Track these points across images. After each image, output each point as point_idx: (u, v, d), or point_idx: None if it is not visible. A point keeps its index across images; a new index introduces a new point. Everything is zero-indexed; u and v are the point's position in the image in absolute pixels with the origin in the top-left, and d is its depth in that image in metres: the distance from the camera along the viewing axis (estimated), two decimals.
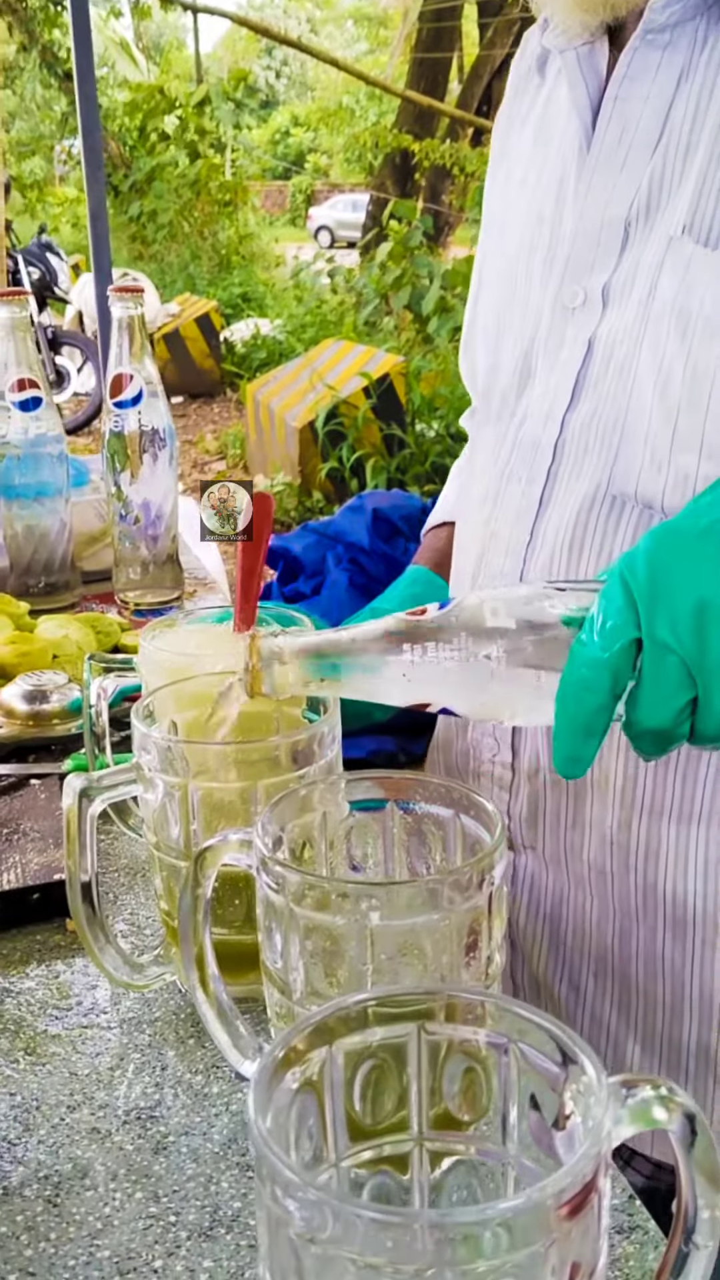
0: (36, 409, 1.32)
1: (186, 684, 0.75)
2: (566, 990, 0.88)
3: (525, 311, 0.88)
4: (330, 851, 0.62)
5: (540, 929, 0.88)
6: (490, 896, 0.55)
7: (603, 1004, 0.86)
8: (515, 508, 0.86)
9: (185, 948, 0.62)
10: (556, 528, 0.83)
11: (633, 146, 0.81)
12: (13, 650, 1.10)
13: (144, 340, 1.31)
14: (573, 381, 0.83)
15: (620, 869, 0.83)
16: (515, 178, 0.93)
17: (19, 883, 0.80)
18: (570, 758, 0.59)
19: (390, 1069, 0.47)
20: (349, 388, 5.72)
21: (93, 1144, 0.62)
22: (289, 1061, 0.43)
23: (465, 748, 0.92)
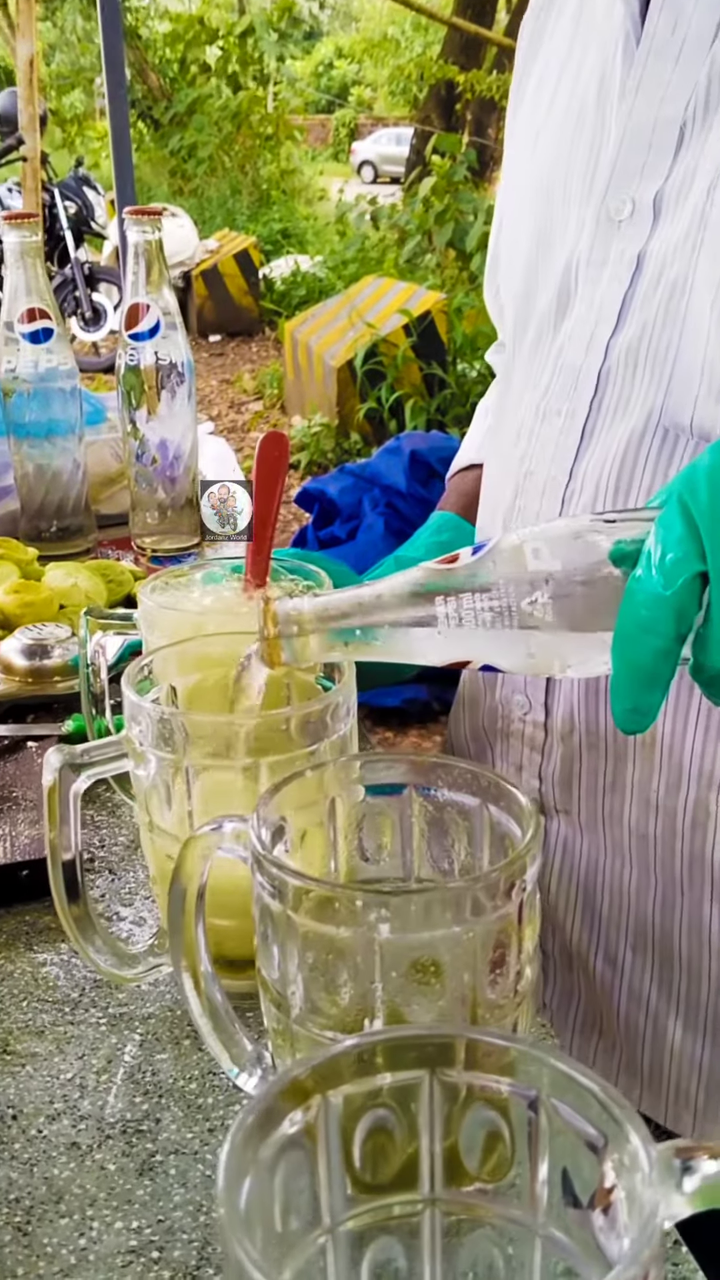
0: (48, 340, 1.24)
1: (189, 645, 0.67)
2: (602, 964, 0.82)
3: (564, 228, 0.79)
4: (340, 842, 0.55)
5: (574, 897, 0.82)
6: (521, 904, 0.47)
7: (642, 978, 0.80)
8: (553, 444, 0.78)
9: (174, 944, 0.54)
10: (600, 465, 0.75)
11: (688, 38, 0.71)
12: (16, 600, 1.03)
13: (163, 268, 1.22)
14: (619, 303, 0.75)
15: (665, 835, 0.76)
16: (549, 82, 0.84)
17: (7, 858, 0.73)
18: (632, 710, 0.51)
19: (398, 1120, 0.39)
20: (389, 326, 5.59)
21: (71, 1161, 0.56)
22: (273, 1116, 0.36)
23: (493, 706, 0.85)
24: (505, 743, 0.85)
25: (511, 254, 0.86)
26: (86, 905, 0.61)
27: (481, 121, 9.53)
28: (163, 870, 0.64)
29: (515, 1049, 0.38)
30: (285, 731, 0.60)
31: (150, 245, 1.20)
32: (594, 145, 0.77)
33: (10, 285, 1.23)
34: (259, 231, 10.20)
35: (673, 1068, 0.81)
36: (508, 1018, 0.48)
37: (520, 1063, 0.38)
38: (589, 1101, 0.36)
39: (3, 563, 1.10)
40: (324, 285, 8.28)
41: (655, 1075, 0.81)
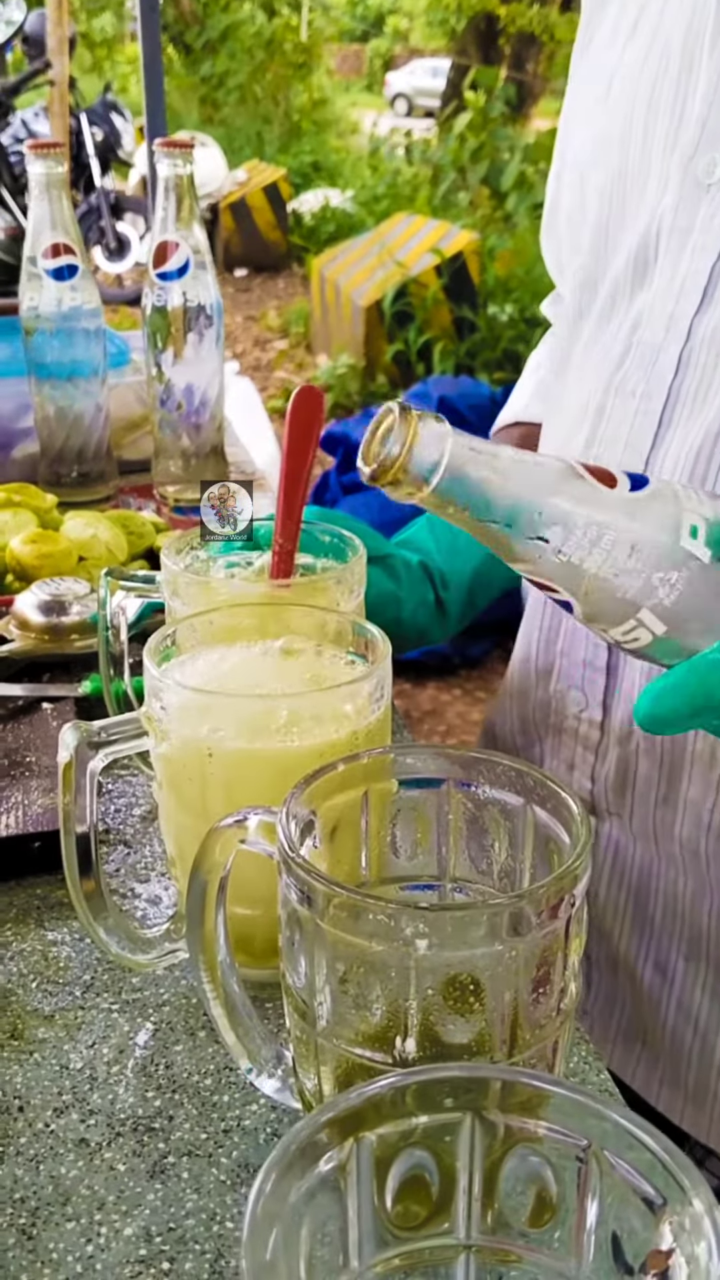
0: (72, 277, 1.19)
1: (215, 614, 0.64)
2: (651, 973, 0.78)
3: (643, 186, 0.73)
4: (372, 838, 0.51)
5: (624, 903, 0.77)
6: (569, 920, 0.44)
7: (694, 992, 0.76)
8: (627, 428, 0.72)
9: (192, 937, 0.51)
10: (676, 458, 0.68)
11: None
12: (34, 550, 0.99)
13: (193, 204, 1.17)
14: (705, 277, 0.68)
15: (717, 855, 0.72)
16: (629, 15, 0.77)
17: (18, 828, 0.70)
18: (665, 721, 0.49)
19: (435, 1161, 0.36)
20: (419, 265, 5.48)
21: (80, 1160, 0.53)
22: (303, 1160, 0.33)
23: (546, 699, 0.80)
24: (557, 739, 0.80)
25: (578, 207, 0.79)
26: (100, 882, 0.58)
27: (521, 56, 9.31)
28: (182, 852, 0.60)
29: (568, 1096, 0.34)
30: (315, 715, 0.57)
31: (181, 180, 1.15)
32: (679, 96, 0.70)
33: (34, 218, 1.18)
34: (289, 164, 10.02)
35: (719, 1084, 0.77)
36: (549, 1038, 0.45)
37: (573, 1110, 0.34)
38: (648, 1158, 0.33)
39: (20, 510, 1.06)
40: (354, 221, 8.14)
41: (701, 1091, 0.77)
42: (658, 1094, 0.79)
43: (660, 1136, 0.33)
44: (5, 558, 1.00)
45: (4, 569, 1.01)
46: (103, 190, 6.76)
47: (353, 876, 0.52)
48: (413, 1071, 0.35)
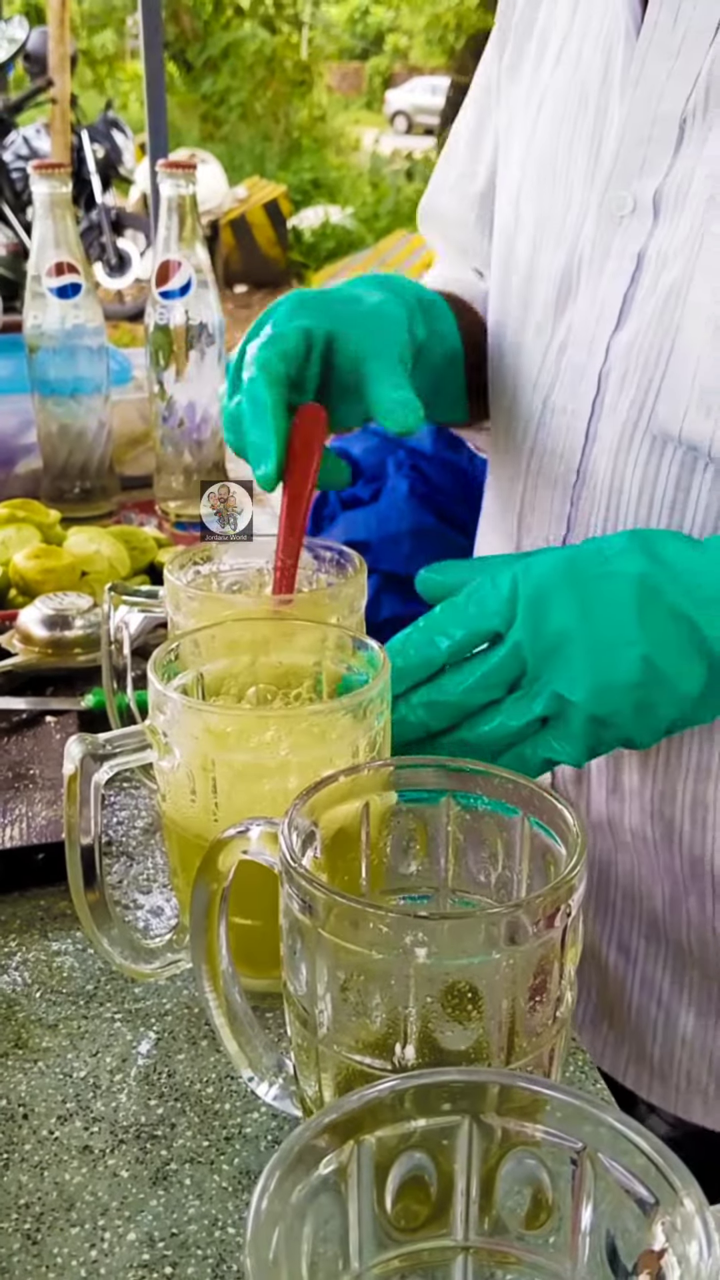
0: (75, 296, 1.21)
1: (216, 629, 0.65)
2: (615, 953, 0.83)
3: (566, 213, 0.77)
4: (371, 849, 0.52)
5: (587, 889, 0.81)
6: (565, 930, 0.45)
7: (654, 968, 0.81)
8: (561, 442, 0.77)
9: (195, 947, 0.52)
10: (601, 467, 0.74)
11: (688, 32, 0.68)
12: (37, 565, 1.00)
13: (195, 224, 1.18)
14: (619, 301, 0.72)
15: (663, 839, 0.76)
16: (550, 55, 0.80)
17: (23, 840, 0.71)
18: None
19: (433, 1163, 0.37)
20: None
21: (83, 1166, 0.54)
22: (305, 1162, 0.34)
23: None
24: None
25: (511, 224, 0.84)
26: (104, 893, 0.59)
27: None
28: (185, 864, 0.61)
29: (563, 1100, 0.35)
30: (316, 730, 0.58)
31: (184, 200, 1.16)
32: (596, 131, 0.75)
33: (39, 237, 1.20)
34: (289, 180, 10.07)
35: (684, 1056, 0.82)
36: (546, 1045, 0.46)
37: (568, 1114, 0.35)
38: (641, 1161, 0.34)
39: (24, 526, 1.07)
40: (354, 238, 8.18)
41: (666, 1064, 0.82)
42: (626, 1071, 0.84)
43: (652, 1138, 0.34)
44: (9, 573, 1.01)
45: (7, 584, 1.02)
46: (104, 207, 6.80)
47: (353, 887, 0.53)
48: (411, 1075, 0.35)
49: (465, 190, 0.95)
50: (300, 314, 0.72)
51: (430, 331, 0.79)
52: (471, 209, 0.95)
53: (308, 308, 0.73)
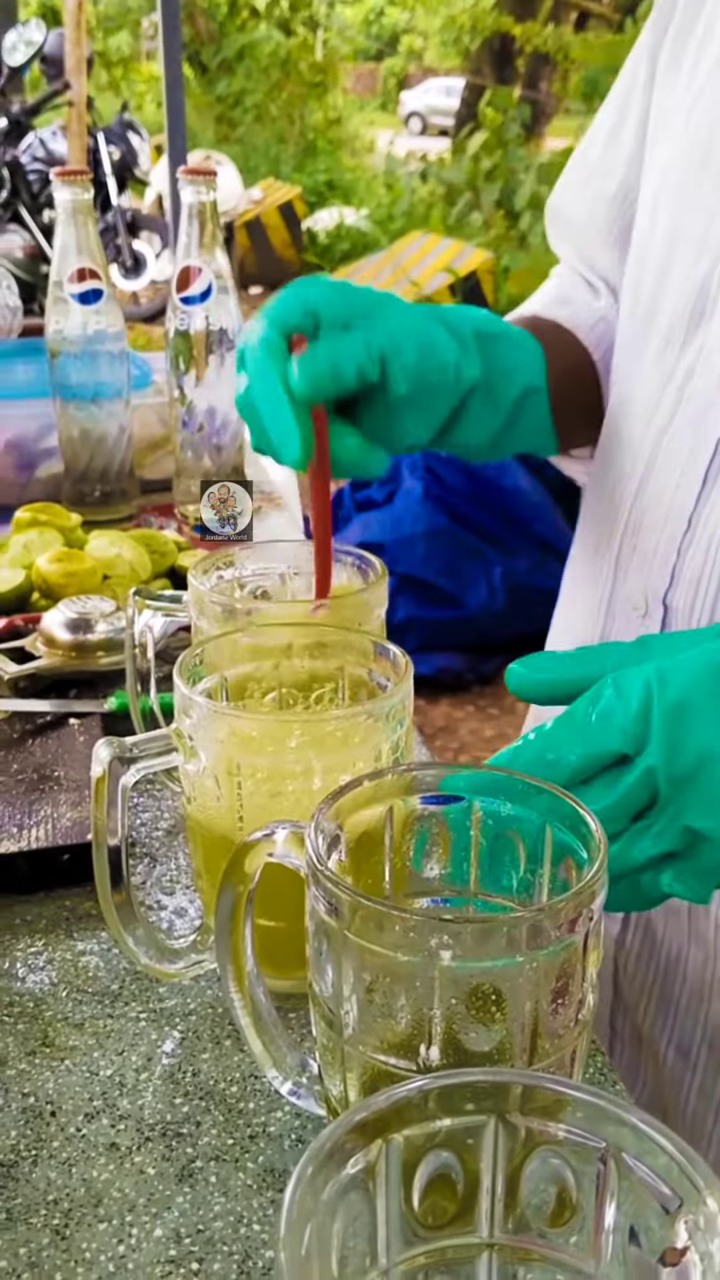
0: (97, 302, 1.22)
1: (241, 634, 0.66)
2: (674, 1055, 0.76)
3: (710, 223, 0.71)
4: (395, 854, 0.53)
5: (651, 978, 0.76)
6: (587, 934, 0.45)
7: (715, 1078, 0.74)
8: (673, 485, 0.71)
9: (220, 946, 0.53)
10: (717, 518, 0.68)
11: None
12: (59, 569, 1.01)
13: (216, 229, 1.19)
14: None
15: None
16: (710, 53, 0.75)
17: (48, 841, 0.72)
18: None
19: (459, 1162, 0.38)
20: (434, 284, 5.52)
21: (110, 1163, 0.55)
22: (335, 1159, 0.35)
23: None
24: None
25: (647, 231, 0.78)
26: (130, 894, 0.60)
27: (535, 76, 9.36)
28: (209, 866, 0.62)
29: (588, 1100, 0.36)
30: (340, 735, 0.59)
31: (204, 206, 1.17)
32: None
33: (60, 243, 1.21)
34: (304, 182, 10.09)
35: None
36: (568, 1047, 0.47)
37: (593, 1114, 0.36)
38: (665, 1160, 0.35)
39: (46, 529, 1.08)
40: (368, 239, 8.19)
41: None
42: None
43: (676, 1138, 0.34)
44: (32, 576, 1.03)
45: (30, 587, 1.03)
46: (119, 209, 6.82)
47: (376, 890, 0.53)
48: (438, 1076, 0.36)
49: (596, 190, 0.88)
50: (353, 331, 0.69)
51: (493, 369, 0.74)
52: (601, 212, 0.88)
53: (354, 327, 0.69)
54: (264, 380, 0.67)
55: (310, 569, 0.73)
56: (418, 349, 0.69)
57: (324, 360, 0.67)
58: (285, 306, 0.69)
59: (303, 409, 0.67)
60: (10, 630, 0.96)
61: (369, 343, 0.68)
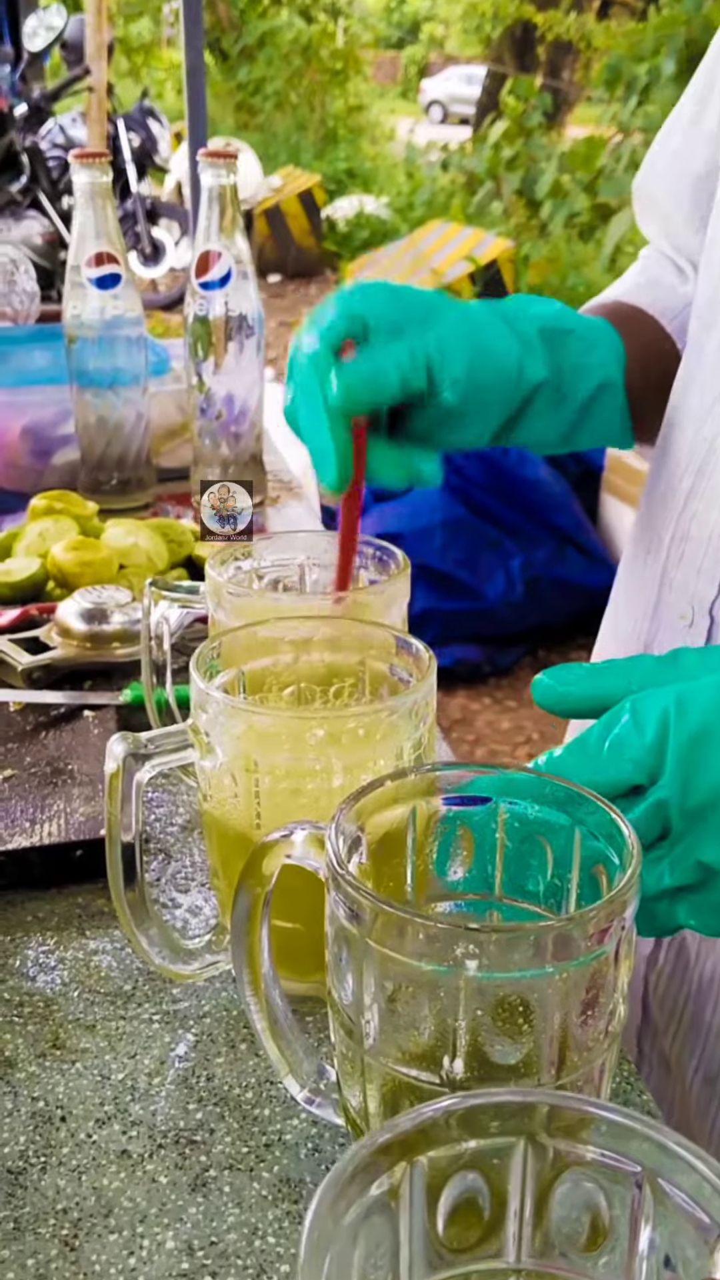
0: (115, 286, 1.20)
1: (259, 627, 0.64)
2: (700, 1084, 0.73)
3: None
4: (418, 856, 0.51)
5: (682, 1002, 0.73)
6: (619, 943, 0.43)
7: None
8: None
9: (236, 949, 0.51)
10: None
11: None
12: (75, 558, 0.99)
13: (236, 214, 1.17)
14: None
15: None
16: None
17: (61, 836, 0.70)
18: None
19: (486, 1184, 0.36)
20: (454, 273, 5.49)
21: (121, 1171, 0.53)
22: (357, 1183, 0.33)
23: None
24: None
25: None
26: (143, 892, 0.58)
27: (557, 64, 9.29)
28: (226, 864, 0.61)
29: (623, 1123, 0.34)
30: (361, 729, 0.57)
31: (224, 190, 1.15)
32: None
33: (78, 227, 1.19)
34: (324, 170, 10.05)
35: None
36: (597, 1060, 0.45)
37: (628, 1136, 0.34)
38: (702, 1184, 0.33)
39: (61, 518, 1.07)
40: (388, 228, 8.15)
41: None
42: None
43: (713, 1162, 0.33)
44: (47, 565, 1.01)
45: (45, 576, 1.01)
46: (139, 196, 6.80)
47: (398, 893, 0.52)
48: (465, 1096, 0.34)
49: (681, 169, 0.83)
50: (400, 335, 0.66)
51: (563, 367, 0.71)
52: (686, 193, 0.83)
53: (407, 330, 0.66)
54: (306, 394, 0.65)
55: (329, 560, 0.71)
56: (469, 354, 0.66)
57: (363, 370, 0.64)
58: (334, 314, 0.67)
59: (341, 423, 0.64)
60: (25, 620, 0.94)
61: (414, 350, 0.65)
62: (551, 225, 6.38)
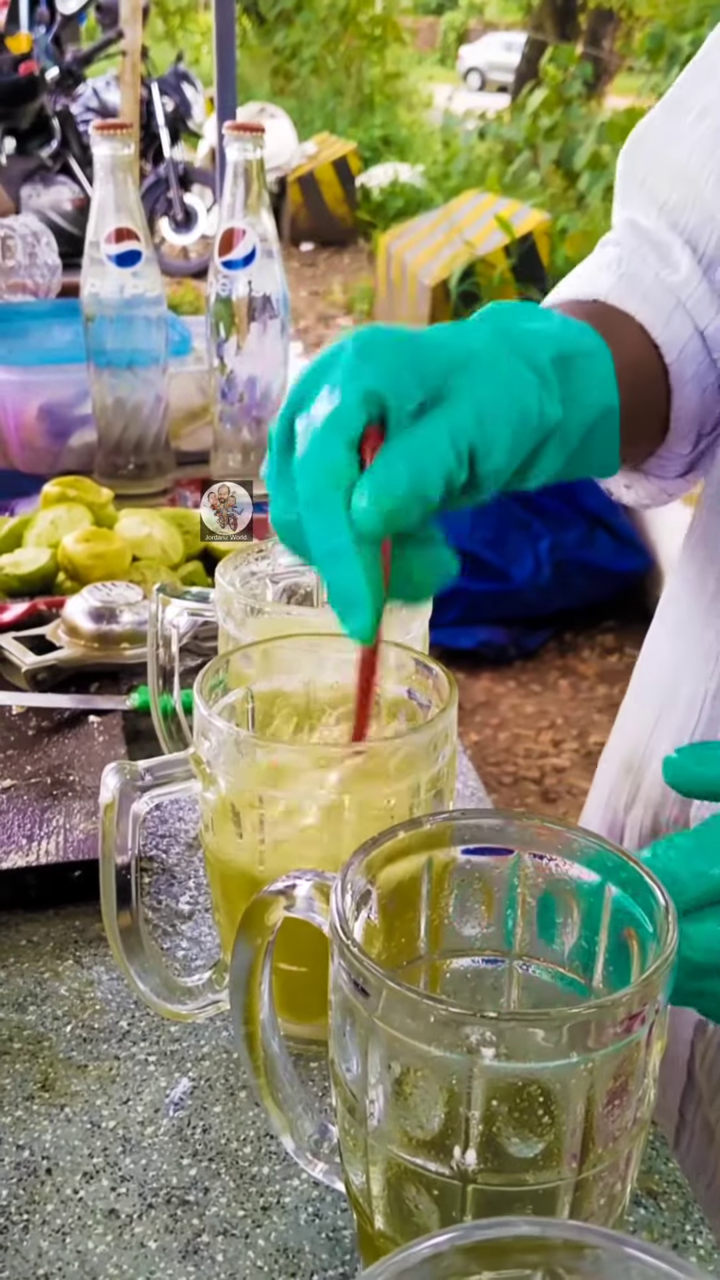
0: (135, 264, 1.15)
1: (270, 645, 0.60)
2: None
3: None
4: (432, 909, 0.47)
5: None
6: (652, 1027, 0.39)
7: None
8: None
9: (234, 1003, 0.47)
10: None
11: None
12: (87, 550, 0.96)
13: (262, 189, 1.12)
14: None
15: None
16: None
17: (59, 855, 0.67)
18: None
19: None
20: (488, 245, 5.40)
21: (108, 1233, 0.49)
22: None
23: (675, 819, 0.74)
24: None
25: None
26: (138, 919, 0.54)
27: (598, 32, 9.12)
28: (228, 900, 0.57)
29: (660, 1266, 0.30)
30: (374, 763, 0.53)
31: (251, 164, 1.11)
32: None
33: (99, 201, 1.14)
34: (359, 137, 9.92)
35: None
36: (623, 1150, 0.41)
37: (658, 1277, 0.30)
38: None
39: (75, 506, 1.03)
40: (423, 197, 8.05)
41: None
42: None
43: None
44: (58, 556, 0.97)
45: (56, 568, 0.98)
46: (171, 161, 6.72)
47: (410, 948, 0.48)
48: (474, 1226, 0.30)
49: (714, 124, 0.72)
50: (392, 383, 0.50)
51: (570, 398, 0.56)
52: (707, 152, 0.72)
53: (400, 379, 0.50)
54: (319, 511, 0.49)
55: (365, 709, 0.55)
56: (512, 431, 0.51)
57: (402, 481, 0.48)
58: (346, 396, 0.49)
59: (373, 552, 0.49)
60: (32, 615, 0.91)
61: (455, 438, 0.49)
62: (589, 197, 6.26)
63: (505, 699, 3.19)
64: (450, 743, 0.55)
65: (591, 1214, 0.42)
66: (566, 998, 0.46)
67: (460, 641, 3.21)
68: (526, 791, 2.82)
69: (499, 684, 3.25)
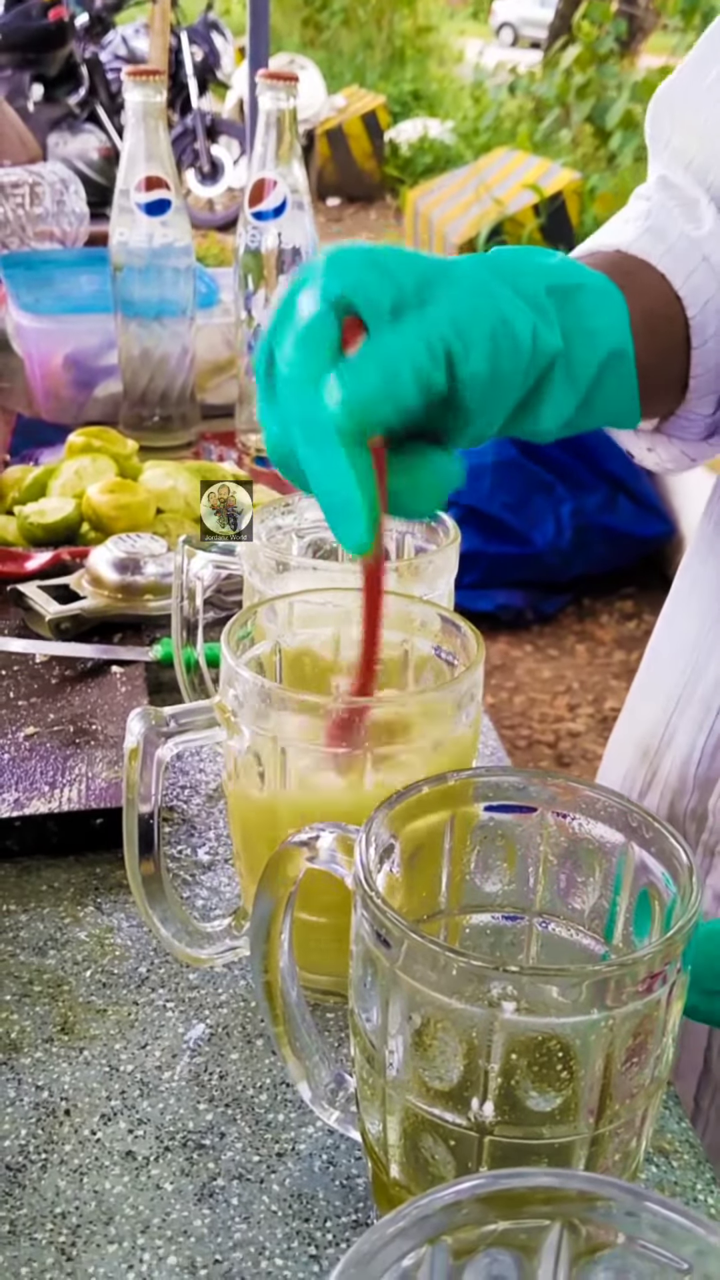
0: (164, 213, 1.14)
1: (297, 598, 0.60)
2: None
3: None
4: (454, 865, 0.48)
5: None
6: (673, 986, 0.39)
7: None
8: None
9: (254, 953, 0.48)
10: None
11: None
12: (111, 500, 0.95)
13: (294, 140, 1.11)
14: None
15: None
16: None
17: (81, 803, 0.67)
18: None
19: (514, 1267, 0.32)
20: (517, 203, 5.34)
21: (125, 1174, 0.50)
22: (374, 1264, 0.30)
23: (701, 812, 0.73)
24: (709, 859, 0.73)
25: None
26: (160, 866, 0.54)
27: None
28: (249, 849, 0.57)
29: (670, 1217, 0.30)
30: (399, 718, 0.53)
31: (283, 114, 1.09)
32: None
33: (129, 148, 1.13)
34: (389, 91, 9.79)
35: None
36: (639, 1107, 0.41)
37: (675, 1233, 0.30)
38: None
39: (99, 456, 1.03)
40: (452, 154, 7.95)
41: None
42: None
43: None
44: (82, 507, 0.97)
45: (80, 518, 0.97)
46: (199, 112, 6.65)
47: (431, 903, 0.48)
48: (495, 1176, 0.31)
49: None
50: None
51: (573, 331, 0.55)
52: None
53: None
54: (302, 424, 0.49)
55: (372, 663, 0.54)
56: (490, 337, 0.50)
57: (372, 374, 0.48)
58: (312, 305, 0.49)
59: (360, 452, 0.48)
60: (56, 565, 0.91)
61: (430, 340, 0.49)
62: (620, 157, 6.18)
63: (522, 663, 3.19)
64: (476, 703, 0.55)
65: (606, 1169, 0.42)
66: (586, 955, 0.47)
67: (478, 604, 3.21)
68: (541, 755, 2.82)
69: (516, 648, 3.24)
